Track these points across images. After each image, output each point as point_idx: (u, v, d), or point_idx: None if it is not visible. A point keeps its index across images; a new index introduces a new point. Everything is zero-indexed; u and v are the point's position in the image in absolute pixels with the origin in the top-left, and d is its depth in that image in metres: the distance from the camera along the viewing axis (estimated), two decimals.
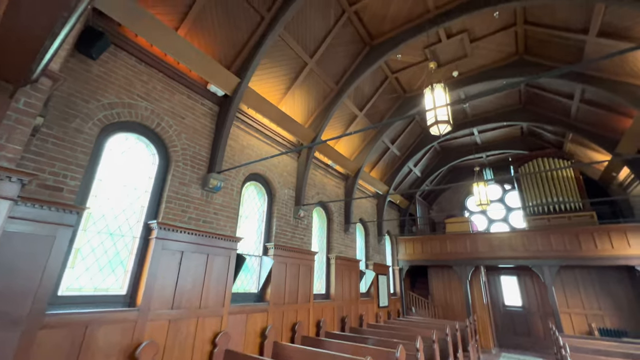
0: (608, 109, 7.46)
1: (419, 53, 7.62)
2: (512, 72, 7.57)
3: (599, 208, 10.58)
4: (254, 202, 6.55)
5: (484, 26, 6.85)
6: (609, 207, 10.63)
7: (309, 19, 6.10)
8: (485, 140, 12.26)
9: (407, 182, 13.40)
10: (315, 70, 6.87)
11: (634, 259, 8.36)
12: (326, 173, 8.84)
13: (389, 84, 8.64)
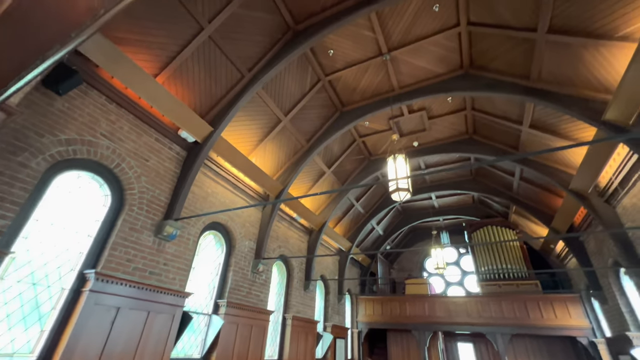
0: (543, 188, 8.51)
1: (384, 122, 8.39)
2: (464, 148, 8.52)
3: (542, 277, 11.34)
4: (210, 253, 6.16)
5: (440, 107, 7.83)
6: (550, 277, 11.44)
7: (287, 81, 6.58)
8: (442, 204, 13.13)
9: (370, 239, 13.57)
10: (288, 127, 7.21)
11: (575, 330, 8.81)
12: (290, 226, 8.72)
13: (356, 146, 9.23)
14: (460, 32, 5.86)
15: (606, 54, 4.49)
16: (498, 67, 6.05)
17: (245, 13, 5.28)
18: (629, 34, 4.09)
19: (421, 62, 6.54)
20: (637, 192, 5.55)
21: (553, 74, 5.37)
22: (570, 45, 4.76)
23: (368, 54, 6.41)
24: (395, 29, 5.90)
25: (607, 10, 4.10)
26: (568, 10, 4.43)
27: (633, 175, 5.44)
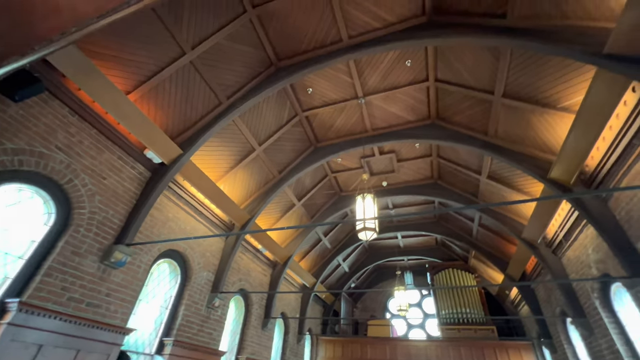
0: (499, 235, 9.02)
1: (356, 161, 8.66)
2: (429, 192, 8.94)
3: (498, 323, 11.62)
4: (162, 284, 5.66)
5: (408, 151, 8.29)
6: (505, 323, 11.75)
7: (265, 112, 6.68)
8: (407, 244, 13.39)
9: (335, 275, 13.31)
10: (261, 157, 7.18)
11: None
12: (254, 258, 8.35)
13: (328, 181, 9.35)
14: (429, 87, 6.42)
15: (550, 121, 5.10)
16: (461, 121, 6.62)
17: (230, 45, 5.43)
18: (568, 106, 4.72)
19: (393, 108, 7.00)
20: (578, 246, 6.05)
21: (507, 133, 5.96)
22: (521, 109, 5.36)
23: (345, 96, 6.76)
24: (371, 76, 6.34)
25: (551, 84, 4.73)
26: (520, 79, 5.05)
27: (575, 230, 5.95)
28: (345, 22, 5.40)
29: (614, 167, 4.45)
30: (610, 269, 5.11)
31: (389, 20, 5.31)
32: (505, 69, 5.01)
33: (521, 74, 4.96)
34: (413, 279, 15.00)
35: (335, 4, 5.13)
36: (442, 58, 5.79)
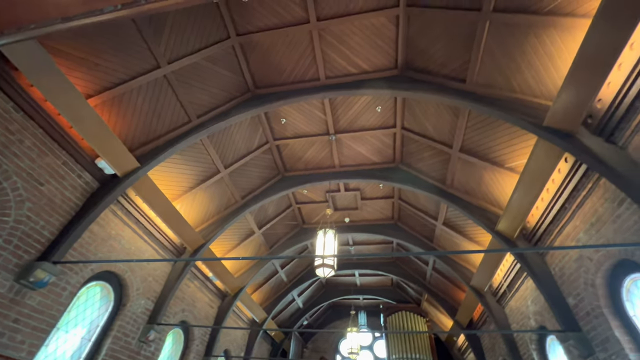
0: (451, 281, 9.34)
1: (321, 194, 8.72)
2: (388, 232, 9.16)
3: None
4: (90, 311, 4.96)
5: (372, 191, 8.55)
6: None
7: (235, 136, 6.60)
8: (364, 283, 13.32)
9: (288, 311, 12.69)
10: (225, 180, 6.96)
11: None
12: (202, 287, 7.74)
13: (291, 212, 9.23)
14: (395, 133, 6.84)
15: (499, 178, 5.61)
16: (422, 168, 7.05)
17: (209, 66, 5.43)
18: (514, 167, 5.25)
19: (361, 148, 7.30)
20: (519, 297, 6.43)
21: (462, 184, 6.43)
22: (475, 165, 5.86)
23: (317, 130, 6.95)
24: (343, 116, 6.63)
25: (501, 145, 5.27)
26: (475, 137, 5.58)
27: (517, 281, 6.35)
28: (324, 63, 5.71)
29: (550, 226, 4.93)
30: (546, 322, 5.45)
31: (365, 68, 5.72)
32: (463, 126, 5.53)
33: (476, 133, 5.49)
34: (367, 319, 14.76)
35: (316, 46, 5.44)
36: (410, 109, 6.27)
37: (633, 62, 3.08)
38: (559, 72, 3.86)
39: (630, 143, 3.37)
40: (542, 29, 3.79)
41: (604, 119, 3.52)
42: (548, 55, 3.90)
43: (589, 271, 4.27)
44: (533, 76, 4.17)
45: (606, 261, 3.98)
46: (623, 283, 3.89)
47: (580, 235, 4.35)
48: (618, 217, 3.68)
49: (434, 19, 4.77)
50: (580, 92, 3.46)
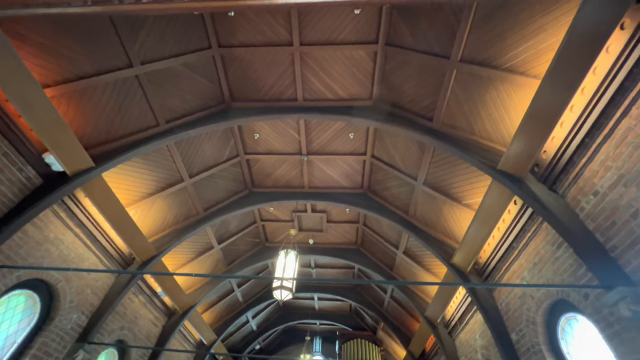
0: (407, 311, 9.46)
1: (287, 213, 8.62)
2: (350, 257, 9.20)
3: None
4: (7, 323, 4.33)
5: (338, 214, 8.62)
6: None
7: (204, 145, 6.41)
8: (322, 308, 13.07)
9: (240, 333, 12.00)
10: (188, 190, 6.66)
11: None
12: (148, 302, 7.12)
13: (255, 228, 8.98)
14: (365, 160, 7.06)
15: (457, 213, 5.93)
16: (388, 196, 7.27)
17: (185, 72, 5.33)
18: (471, 204, 5.60)
19: (332, 172, 7.41)
20: (469, 330, 6.65)
21: (423, 216, 6.70)
22: (437, 199, 6.16)
23: (289, 149, 6.97)
24: (317, 138, 6.74)
25: (460, 182, 5.62)
26: (438, 173, 5.91)
27: (468, 314, 6.59)
28: (303, 85, 5.84)
29: (499, 263, 5.24)
30: (492, 356, 5.65)
31: (341, 95, 5.93)
32: (427, 161, 5.85)
33: (439, 169, 5.82)
34: (322, 345, 14.36)
35: (297, 68, 5.57)
36: (380, 139, 6.54)
37: (572, 122, 3.50)
38: (513, 123, 4.27)
39: (568, 193, 3.75)
40: (501, 83, 4.21)
41: (548, 169, 3.91)
42: (504, 106, 4.32)
43: (530, 309, 4.55)
44: (491, 123, 4.58)
45: (545, 300, 4.28)
46: (559, 322, 4.18)
47: (525, 273, 4.66)
48: (557, 259, 4.02)
49: (408, 60, 5.13)
50: (529, 143, 3.84)
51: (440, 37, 4.53)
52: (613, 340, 3.15)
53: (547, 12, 3.41)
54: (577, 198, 3.63)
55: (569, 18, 3.21)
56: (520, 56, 3.87)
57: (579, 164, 3.55)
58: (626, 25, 2.82)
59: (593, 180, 3.41)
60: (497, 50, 4.05)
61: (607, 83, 3.09)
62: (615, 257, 3.14)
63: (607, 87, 3.10)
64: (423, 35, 4.71)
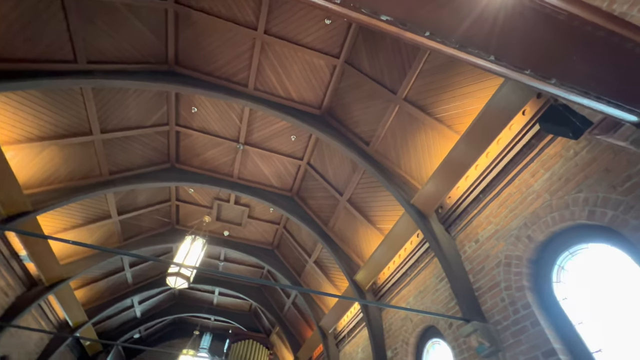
0: (304, 318, 9.69)
1: (208, 199, 8.12)
2: (263, 257, 9.08)
3: None
4: None
5: (261, 212, 8.46)
6: None
7: (130, 102, 5.67)
8: (221, 303, 12.52)
9: (118, 319, 10.65)
10: (96, 146, 5.77)
11: None
12: (1, 265, 5.82)
13: (167, 207, 8.21)
14: (300, 166, 7.13)
15: (370, 235, 6.39)
16: (312, 205, 7.45)
17: (128, 15, 4.68)
18: (382, 229, 6.09)
19: (265, 168, 7.27)
20: (354, 344, 7.12)
21: (341, 231, 7.03)
22: (355, 217, 6.54)
23: (227, 134, 6.63)
24: (258, 131, 6.57)
25: (378, 208, 6.08)
26: (362, 194, 6.30)
27: (357, 329, 7.07)
28: (257, 74, 5.67)
29: (393, 286, 5.79)
30: None
31: (293, 96, 5.93)
32: (356, 181, 6.19)
33: (364, 190, 6.21)
34: (211, 342, 13.68)
35: (255, 55, 5.39)
36: (319, 149, 6.70)
37: (474, 178, 4.13)
38: (432, 166, 4.83)
39: (457, 237, 4.38)
40: (431, 130, 4.75)
41: (448, 212, 4.52)
42: (429, 150, 4.87)
43: (407, 330, 5.11)
44: (415, 162, 5.10)
45: (421, 324, 4.86)
46: (426, 344, 4.79)
47: (411, 299, 5.24)
48: (437, 291, 4.62)
49: (361, 84, 5.42)
50: (439, 187, 4.39)
51: (392, 73, 4.91)
52: None
53: (477, 81, 4.01)
54: (463, 242, 4.26)
55: (491, 92, 3.82)
56: (451, 111, 4.43)
57: (471, 213, 4.19)
58: (527, 112, 3.48)
59: (477, 230, 4.05)
60: (434, 101, 4.57)
61: (505, 153, 3.75)
62: (477, 296, 3.76)
63: (504, 157, 3.76)
64: (379, 65, 5.05)
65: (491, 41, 1.11)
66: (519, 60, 1.12)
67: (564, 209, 2.97)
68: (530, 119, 3.44)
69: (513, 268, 3.39)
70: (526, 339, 3.02)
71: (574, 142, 3.04)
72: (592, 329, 2.70)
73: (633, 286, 2.48)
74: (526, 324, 3.06)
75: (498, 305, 3.45)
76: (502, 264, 3.51)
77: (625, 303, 2.51)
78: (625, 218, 2.45)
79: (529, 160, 3.50)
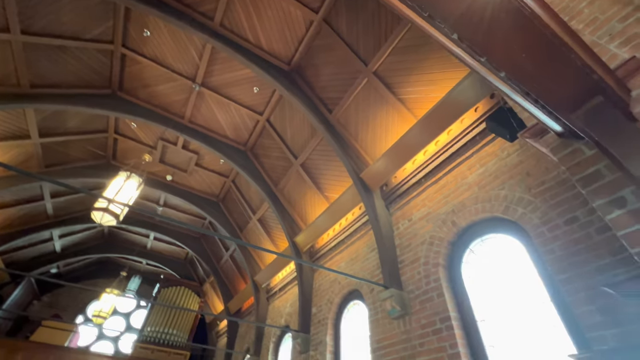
0: (239, 271, 9.89)
1: (153, 138, 7.47)
2: (207, 209, 8.86)
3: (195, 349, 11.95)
4: None
5: (211, 161, 8.09)
6: (202, 351, 12.26)
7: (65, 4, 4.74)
8: (155, 248, 12.12)
9: (33, 251, 9.73)
10: (14, 49, 4.81)
11: None
12: None
13: (103, 139, 7.38)
14: (259, 121, 6.84)
15: (316, 201, 6.56)
16: (265, 164, 7.32)
17: None
18: (329, 197, 6.29)
19: (221, 116, 6.84)
20: (284, 299, 7.53)
21: (289, 193, 7.08)
22: (305, 182, 6.61)
23: (182, 70, 6.01)
24: (219, 74, 6.06)
25: (329, 176, 6.21)
26: (316, 160, 6.33)
27: (288, 286, 7.45)
28: (225, 10, 5.09)
29: (329, 251, 6.13)
30: (291, 322, 6.60)
31: (262, 44, 5.50)
32: (312, 147, 6.18)
33: (319, 157, 6.25)
34: (140, 285, 13.36)
35: None
36: (282, 107, 6.46)
37: (420, 163, 4.38)
38: (386, 145, 5.00)
39: (394, 214, 4.71)
40: (392, 109, 4.85)
41: (391, 191, 4.80)
42: (386, 129, 5.00)
43: (334, 292, 5.53)
44: (372, 138, 5.22)
45: (347, 287, 5.28)
46: (347, 305, 5.26)
47: (342, 264, 5.62)
48: (367, 260, 5.01)
49: (335, 47, 5.22)
50: (388, 166, 4.59)
51: (368, 42, 4.80)
52: (373, 323, 4.20)
53: (443, 70, 4.12)
54: (398, 219, 4.60)
55: (453, 84, 3.97)
56: (414, 95, 4.54)
57: (410, 195, 4.50)
58: (479, 109, 3.72)
59: (413, 210, 4.39)
60: (401, 81, 4.62)
61: (452, 144, 4.01)
62: (400, 268, 4.17)
63: (450, 148, 4.03)
64: (357, 31, 4.88)
65: (460, 19, 1.10)
66: (479, 45, 1.15)
67: (487, 202, 3.34)
68: (480, 116, 3.69)
69: (434, 247, 3.79)
70: (430, 306, 3.48)
71: (509, 144, 3.36)
72: (481, 303, 3.20)
73: (521, 271, 2.96)
74: (433, 294, 3.51)
75: (414, 277, 3.87)
76: (427, 243, 3.90)
77: (513, 285, 3.00)
78: (530, 217, 2.85)
79: (470, 155, 3.80)
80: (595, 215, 2.39)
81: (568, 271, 2.38)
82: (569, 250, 2.44)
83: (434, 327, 3.33)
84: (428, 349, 3.28)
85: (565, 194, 2.66)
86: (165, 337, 10.92)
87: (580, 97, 1.33)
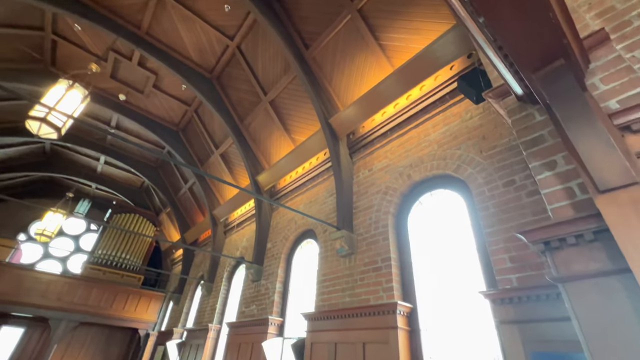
0: (198, 204, 9.85)
1: (102, 47, 6.51)
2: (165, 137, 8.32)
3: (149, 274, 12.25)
4: None
5: (171, 85, 7.38)
6: (156, 275, 12.62)
7: None
8: (107, 172, 11.44)
9: None
10: None
11: (142, 323, 9.87)
12: None
13: (38, 39, 6.27)
14: (229, 46, 6.22)
15: (282, 141, 6.45)
16: (232, 96, 6.87)
17: None
18: (295, 139, 6.20)
19: (185, 34, 6.08)
20: (241, 234, 7.77)
21: (255, 131, 6.85)
22: (273, 121, 6.39)
23: None
24: None
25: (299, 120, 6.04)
26: (286, 100, 6.07)
27: (246, 222, 7.65)
28: None
29: (290, 192, 6.26)
30: (246, 255, 6.93)
31: None
32: (283, 85, 5.86)
33: (289, 97, 5.99)
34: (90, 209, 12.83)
35: None
36: (255, 35, 5.87)
37: (389, 115, 4.41)
38: (359, 92, 4.90)
39: (357, 163, 4.84)
40: (371, 54, 4.64)
41: (357, 140, 4.85)
42: (362, 75, 4.84)
43: (290, 230, 5.80)
44: (346, 83, 5.06)
45: (302, 227, 5.56)
46: (301, 242, 5.60)
47: (301, 206, 5.82)
48: (324, 203, 5.22)
49: None
50: (358, 114, 4.56)
51: None
52: (322, 259, 4.56)
53: (429, 20, 3.94)
54: (359, 168, 4.75)
55: (435, 36, 3.85)
56: (395, 42, 4.35)
57: (375, 146, 4.60)
58: (454, 68, 3.70)
59: (374, 161, 4.53)
60: (385, 24, 4.36)
61: (422, 100, 4.03)
62: (354, 213, 4.42)
63: (420, 103, 4.06)
64: None
65: None
66: None
67: (442, 159, 3.53)
68: (454, 75, 3.69)
69: (388, 197, 4.03)
70: (375, 248, 3.82)
71: (474, 107, 3.47)
72: (419, 247, 3.59)
73: (458, 223, 3.31)
74: (379, 238, 3.84)
75: (365, 222, 4.16)
76: (382, 192, 4.13)
77: (449, 233, 3.36)
78: (476, 177, 3.09)
79: (436, 113, 3.88)
80: (530, 181, 2.66)
81: (495, 225, 2.70)
82: (500, 208, 2.75)
83: (375, 266, 3.71)
84: (367, 283, 3.70)
85: (511, 159, 2.90)
86: (118, 261, 10.97)
87: (546, 59, 1.36)
